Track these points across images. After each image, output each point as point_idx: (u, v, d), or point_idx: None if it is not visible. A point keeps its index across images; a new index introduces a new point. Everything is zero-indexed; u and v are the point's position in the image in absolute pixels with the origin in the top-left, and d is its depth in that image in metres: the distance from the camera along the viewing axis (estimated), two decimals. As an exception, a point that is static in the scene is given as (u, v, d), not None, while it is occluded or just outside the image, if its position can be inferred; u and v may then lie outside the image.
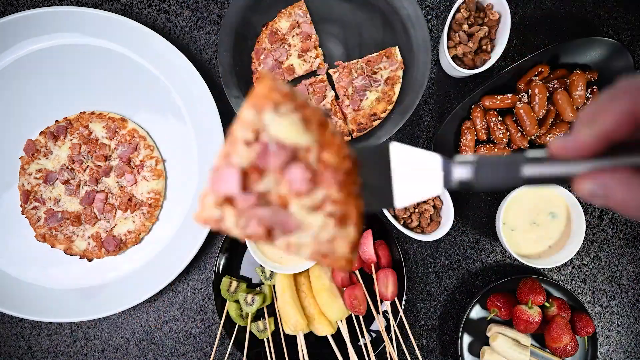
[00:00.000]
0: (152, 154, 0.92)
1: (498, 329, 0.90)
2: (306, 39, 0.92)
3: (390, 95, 0.91)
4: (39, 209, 0.91)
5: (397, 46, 0.93)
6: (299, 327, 0.87)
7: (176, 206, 0.94)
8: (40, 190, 0.91)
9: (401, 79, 0.92)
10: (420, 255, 0.97)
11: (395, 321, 0.90)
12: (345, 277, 0.89)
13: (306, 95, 0.91)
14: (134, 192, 0.92)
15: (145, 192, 0.91)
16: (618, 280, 0.97)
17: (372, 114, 0.91)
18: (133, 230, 0.91)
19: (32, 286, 0.92)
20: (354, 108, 0.92)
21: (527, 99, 0.91)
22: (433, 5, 0.99)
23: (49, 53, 0.93)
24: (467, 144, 0.92)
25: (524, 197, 0.90)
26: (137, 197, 0.91)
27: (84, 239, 0.91)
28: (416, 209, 0.90)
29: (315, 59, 0.93)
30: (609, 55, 0.89)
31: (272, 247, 0.88)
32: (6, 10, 0.97)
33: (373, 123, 0.92)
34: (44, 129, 0.92)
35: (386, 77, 0.92)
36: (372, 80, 0.92)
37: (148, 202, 0.91)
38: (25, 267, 0.92)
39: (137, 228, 0.91)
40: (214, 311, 0.95)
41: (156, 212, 0.92)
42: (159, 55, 0.93)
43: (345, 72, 0.92)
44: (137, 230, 0.91)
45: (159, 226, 0.94)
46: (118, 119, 0.92)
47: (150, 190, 0.91)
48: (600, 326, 0.96)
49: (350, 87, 0.92)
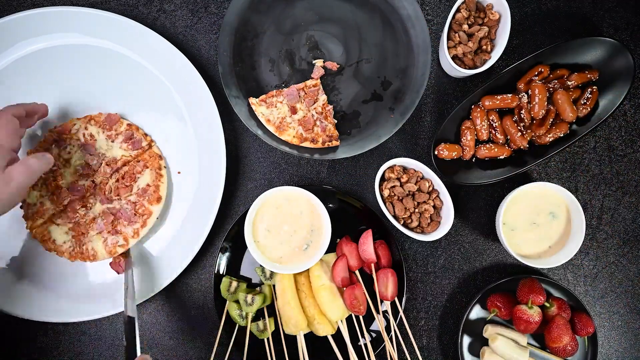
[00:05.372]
0: (161, 179, 0.92)
1: (494, 329, 0.90)
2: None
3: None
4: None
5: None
6: (299, 327, 0.88)
7: (176, 206, 0.94)
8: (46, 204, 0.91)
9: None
10: (420, 255, 0.97)
11: (395, 321, 0.90)
12: (345, 277, 0.89)
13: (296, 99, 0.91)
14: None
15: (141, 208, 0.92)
16: (618, 280, 0.97)
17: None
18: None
19: (32, 286, 0.92)
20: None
21: (527, 99, 0.91)
22: (433, 5, 0.99)
23: (49, 53, 0.93)
24: (467, 144, 0.92)
25: (524, 197, 0.90)
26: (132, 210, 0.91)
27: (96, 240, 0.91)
28: (416, 209, 0.90)
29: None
30: (609, 55, 0.89)
31: (272, 247, 0.88)
32: (6, 10, 0.97)
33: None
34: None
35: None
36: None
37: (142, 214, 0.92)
38: (25, 267, 0.92)
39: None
40: (214, 311, 0.95)
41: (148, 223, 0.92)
42: (159, 55, 0.93)
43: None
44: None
45: (159, 227, 0.94)
46: (141, 134, 0.93)
47: (144, 212, 0.91)
48: (600, 326, 0.96)
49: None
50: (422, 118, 0.98)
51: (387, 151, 0.97)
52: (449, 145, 0.91)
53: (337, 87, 0.95)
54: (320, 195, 0.88)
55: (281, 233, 0.89)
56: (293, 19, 0.95)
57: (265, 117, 0.91)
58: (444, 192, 0.89)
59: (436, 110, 0.98)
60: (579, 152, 0.98)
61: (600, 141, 0.98)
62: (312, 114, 0.92)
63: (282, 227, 0.89)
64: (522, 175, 0.93)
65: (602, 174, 0.97)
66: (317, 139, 0.91)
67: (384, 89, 0.95)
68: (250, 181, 0.98)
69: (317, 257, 0.87)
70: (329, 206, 0.91)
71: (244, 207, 0.97)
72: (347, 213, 0.93)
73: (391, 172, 0.90)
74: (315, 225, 0.89)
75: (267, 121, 0.91)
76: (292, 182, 0.97)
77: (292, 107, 0.91)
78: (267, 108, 0.92)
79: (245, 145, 0.98)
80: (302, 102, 0.92)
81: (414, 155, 0.97)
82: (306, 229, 0.89)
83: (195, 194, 0.93)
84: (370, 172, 0.97)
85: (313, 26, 0.95)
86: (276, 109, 0.92)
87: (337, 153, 0.91)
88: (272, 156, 0.98)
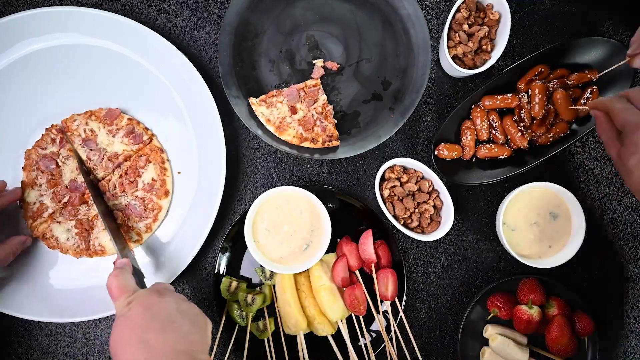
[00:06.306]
0: (165, 173, 0.93)
1: (494, 329, 0.90)
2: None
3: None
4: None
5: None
6: (299, 327, 0.88)
7: (176, 206, 0.94)
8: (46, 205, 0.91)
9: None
10: (420, 255, 0.97)
11: (395, 321, 0.90)
12: (345, 277, 0.89)
13: (296, 99, 0.91)
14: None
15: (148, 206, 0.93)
16: (618, 280, 0.97)
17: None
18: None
19: (32, 286, 0.92)
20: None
21: (527, 99, 0.91)
22: (433, 5, 0.99)
23: (49, 53, 0.93)
24: (467, 144, 0.92)
25: (524, 197, 0.90)
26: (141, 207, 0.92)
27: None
28: (416, 209, 0.90)
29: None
30: (609, 55, 0.89)
31: (272, 247, 0.88)
32: (6, 10, 0.97)
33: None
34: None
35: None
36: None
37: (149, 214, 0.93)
38: (25, 267, 0.92)
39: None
40: (214, 311, 0.95)
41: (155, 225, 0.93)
42: (159, 55, 0.93)
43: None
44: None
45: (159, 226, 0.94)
46: (142, 128, 0.93)
47: (154, 206, 0.92)
48: (600, 326, 0.96)
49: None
50: (422, 118, 0.98)
51: (387, 151, 0.97)
52: (449, 145, 0.91)
53: (337, 87, 0.95)
54: (320, 195, 0.88)
55: (281, 233, 0.89)
56: (293, 19, 0.95)
57: (265, 117, 0.91)
58: (444, 192, 0.89)
59: (436, 110, 0.98)
60: (579, 152, 0.98)
61: (600, 141, 0.98)
62: (312, 114, 0.92)
63: (282, 227, 0.89)
64: (522, 175, 0.93)
65: (602, 174, 0.97)
66: (317, 139, 0.91)
67: (384, 89, 0.95)
68: (250, 181, 0.97)
69: (317, 257, 0.87)
70: (329, 206, 0.91)
71: (244, 207, 0.97)
72: (347, 213, 0.93)
73: (391, 172, 0.90)
74: (315, 225, 0.89)
75: (267, 121, 0.91)
76: (292, 182, 0.97)
77: (292, 107, 0.91)
78: (267, 108, 0.92)
79: (245, 145, 0.98)
80: (302, 102, 0.92)
81: (414, 155, 0.97)
82: (306, 229, 0.89)
83: (195, 194, 0.93)
84: (370, 172, 0.97)
85: (313, 26, 0.95)
86: (276, 109, 0.92)
87: (337, 153, 0.91)
88: (272, 156, 0.98)
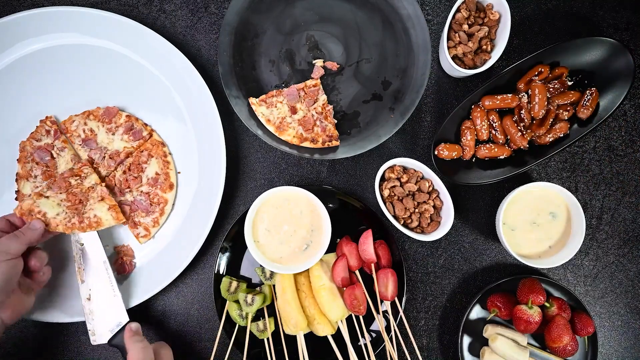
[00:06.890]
0: (169, 166, 0.93)
1: (494, 329, 0.90)
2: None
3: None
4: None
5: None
6: (299, 327, 0.88)
7: (176, 207, 0.94)
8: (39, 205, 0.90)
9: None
10: (420, 255, 0.97)
11: (395, 321, 0.90)
12: (345, 277, 0.89)
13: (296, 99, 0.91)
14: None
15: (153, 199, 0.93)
16: (618, 280, 0.97)
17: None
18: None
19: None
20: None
21: (527, 99, 0.91)
22: (433, 5, 0.99)
23: (49, 53, 0.93)
24: (467, 144, 0.92)
25: (524, 197, 0.90)
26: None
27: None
28: (416, 209, 0.90)
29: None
30: (609, 55, 0.89)
31: (272, 247, 0.88)
32: (6, 10, 0.97)
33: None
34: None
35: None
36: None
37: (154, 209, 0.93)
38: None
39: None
40: (214, 311, 0.95)
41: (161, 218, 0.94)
42: (159, 55, 0.93)
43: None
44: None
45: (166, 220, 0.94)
46: (141, 124, 0.93)
47: (160, 200, 0.93)
48: (600, 326, 0.96)
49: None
50: (422, 118, 0.98)
51: (387, 151, 0.97)
52: (449, 145, 0.91)
53: (337, 87, 0.95)
54: (320, 195, 0.88)
55: (281, 233, 0.89)
56: (293, 19, 0.95)
57: (265, 117, 0.91)
58: (444, 192, 0.89)
59: (436, 110, 0.98)
60: (579, 152, 0.98)
61: (600, 141, 0.98)
62: (312, 114, 0.92)
63: (282, 227, 0.89)
64: (522, 175, 0.93)
65: (602, 174, 0.97)
66: (317, 139, 0.91)
67: (384, 89, 0.95)
68: (250, 181, 0.98)
69: (317, 257, 0.87)
70: (329, 206, 0.91)
71: (244, 207, 0.97)
72: (347, 213, 0.93)
73: (391, 172, 0.90)
74: (315, 225, 0.89)
75: (267, 121, 0.91)
76: (292, 182, 0.97)
77: (292, 107, 0.91)
78: (267, 108, 0.92)
79: (245, 145, 0.98)
80: (302, 102, 0.92)
81: (414, 155, 0.97)
82: (306, 229, 0.89)
83: (195, 194, 0.93)
84: (370, 172, 0.97)
85: (313, 26, 0.95)
86: (276, 109, 0.92)
87: (337, 153, 0.91)
88: (272, 156, 0.98)
